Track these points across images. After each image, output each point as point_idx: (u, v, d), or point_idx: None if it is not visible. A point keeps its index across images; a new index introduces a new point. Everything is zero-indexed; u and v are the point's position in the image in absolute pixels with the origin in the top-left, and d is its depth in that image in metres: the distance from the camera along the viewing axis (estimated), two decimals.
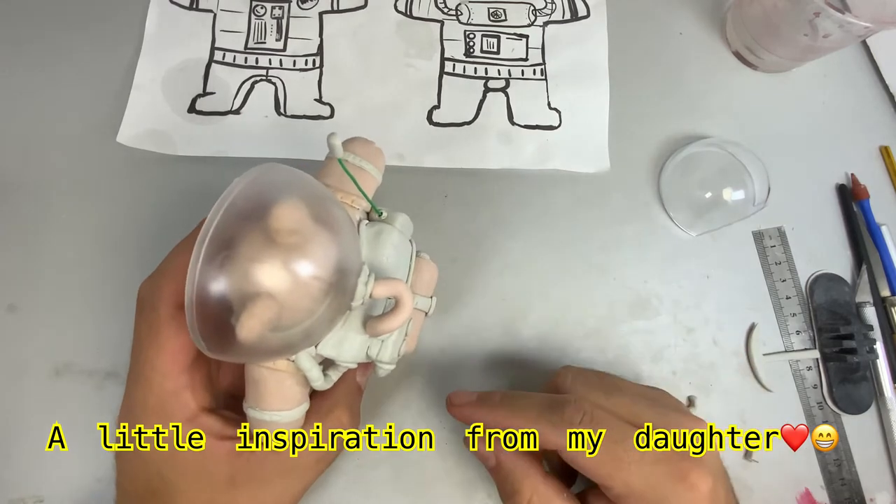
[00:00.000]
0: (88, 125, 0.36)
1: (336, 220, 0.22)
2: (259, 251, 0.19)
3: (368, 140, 0.28)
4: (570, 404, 0.25)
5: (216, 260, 0.19)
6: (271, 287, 0.19)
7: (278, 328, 0.20)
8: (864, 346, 0.35)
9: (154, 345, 0.25)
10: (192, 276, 0.18)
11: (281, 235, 0.19)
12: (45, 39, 0.38)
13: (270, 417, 0.24)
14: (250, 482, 0.25)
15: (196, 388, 0.26)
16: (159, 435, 0.25)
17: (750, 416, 0.34)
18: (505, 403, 0.27)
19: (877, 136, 0.40)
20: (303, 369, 0.23)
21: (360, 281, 0.22)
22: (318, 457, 0.27)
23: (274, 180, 0.21)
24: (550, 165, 0.37)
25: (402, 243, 0.27)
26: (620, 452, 0.23)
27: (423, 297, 0.28)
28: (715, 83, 0.40)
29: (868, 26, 0.32)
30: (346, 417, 0.27)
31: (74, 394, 0.32)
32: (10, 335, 0.33)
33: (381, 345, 0.25)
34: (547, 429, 0.25)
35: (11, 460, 0.31)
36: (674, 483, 0.23)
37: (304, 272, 0.19)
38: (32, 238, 0.34)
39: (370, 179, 0.27)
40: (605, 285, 0.36)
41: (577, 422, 0.24)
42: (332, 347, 0.24)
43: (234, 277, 0.19)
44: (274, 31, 0.39)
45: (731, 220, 0.36)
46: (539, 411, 0.25)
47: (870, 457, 0.35)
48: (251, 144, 0.36)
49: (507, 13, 0.40)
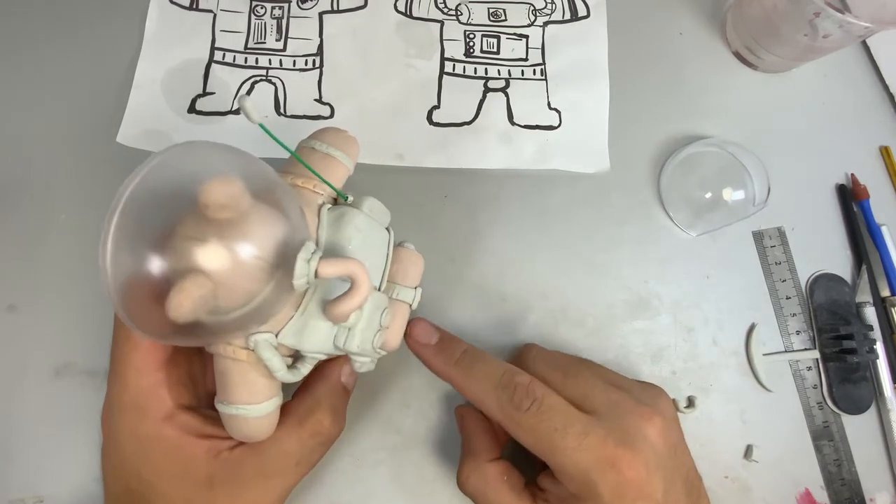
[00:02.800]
0: (88, 125, 0.36)
1: (278, 198, 0.21)
2: (190, 227, 0.18)
3: (341, 129, 0.28)
4: (521, 387, 0.25)
5: (143, 236, 0.18)
6: (202, 263, 0.18)
7: (218, 310, 0.19)
8: (864, 346, 0.35)
9: (129, 341, 0.25)
10: (104, 252, 0.18)
11: (212, 210, 0.18)
12: (44, 39, 0.38)
13: (237, 411, 0.23)
14: (229, 483, 0.25)
15: (173, 385, 0.25)
16: (137, 433, 0.24)
17: (750, 416, 0.34)
18: (463, 365, 0.27)
19: (877, 136, 0.40)
20: (262, 359, 0.22)
21: (301, 257, 0.20)
22: (297, 459, 0.26)
23: (204, 155, 0.20)
24: (550, 165, 0.37)
25: (369, 227, 0.25)
26: (558, 440, 0.24)
27: (404, 288, 0.27)
28: (715, 83, 0.40)
29: (868, 26, 0.32)
30: (328, 419, 0.27)
31: (74, 394, 0.32)
32: (10, 335, 0.33)
33: (348, 333, 0.23)
34: (494, 406, 0.25)
35: (11, 460, 0.31)
36: (603, 470, 0.23)
37: (238, 249, 0.19)
38: (32, 238, 0.34)
39: (339, 167, 0.26)
40: (605, 285, 0.36)
41: (524, 408, 0.25)
42: (293, 336, 0.23)
43: (165, 254, 0.18)
44: (274, 31, 0.39)
45: (730, 220, 0.36)
46: (492, 386, 0.26)
47: (870, 457, 0.35)
48: (251, 145, 0.36)
49: (507, 13, 0.40)
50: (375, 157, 0.36)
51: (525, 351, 0.30)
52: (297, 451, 0.26)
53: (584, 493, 0.24)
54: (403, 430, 0.33)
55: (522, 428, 0.25)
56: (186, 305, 0.18)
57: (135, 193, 0.18)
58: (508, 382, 0.25)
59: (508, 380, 0.26)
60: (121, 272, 0.18)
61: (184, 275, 0.18)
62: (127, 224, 0.18)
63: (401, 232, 0.28)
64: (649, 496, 0.24)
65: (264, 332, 0.22)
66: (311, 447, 0.26)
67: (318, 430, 0.26)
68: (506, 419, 0.25)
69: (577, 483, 0.24)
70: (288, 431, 0.26)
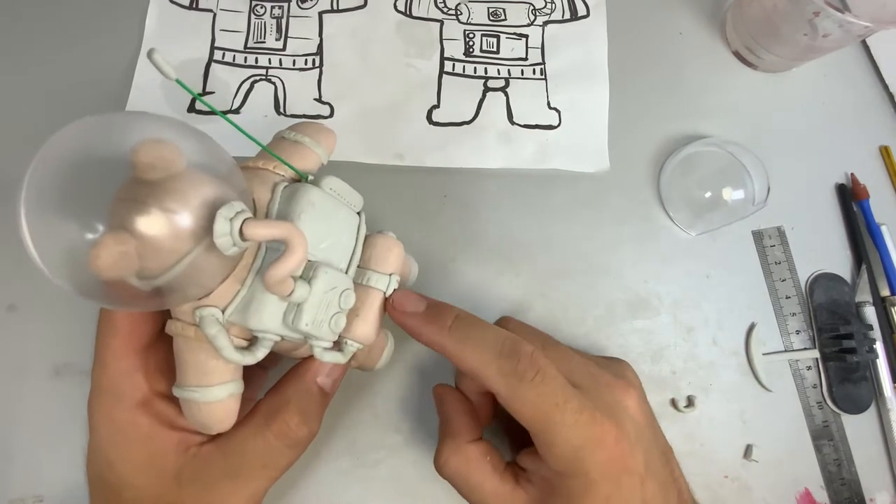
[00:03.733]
0: None
1: (211, 163, 0.20)
2: (123, 190, 0.18)
3: (316, 122, 0.27)
4: (526, 356, 0.24)
5: (72, 199, 0.18)
6: (122, 220, 0.18)
7: (145, 272, 0.19)
8: (863, 346, 0.35)
9: (109, 326, 0.25)
10: (18, 212, 0.18)
11: (140, 170, 0.18)
12: (45, 39, 0.38)
13: (188, 395, 0.22)
14: (196, 482, 0.24)
15: (150, 371, 0.25)
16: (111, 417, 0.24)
17: (750, 416, 0.34)
18: (458, 330, 0.24)
19: (877, 136, 0.40)
20: (207, 336, 0.21)
21: (221, 214, 0.18)
22: (263, 461, 0.25)
23: (137, 121, 0.20)
24: (550, 165, 0.37)
25: (328, 205, 0.24)
26: (557, 415, 0.23)
27: (377, 274, 0.25)
28: (715, 83, 0.40)
29: (868, 26, 0.32)
30: (295, 420, 0.25)
31: (74, 393, 0.32)
32: (10, 335, 0.33)
33: (297, 310, 0.22)
34: (494, 376, 0.23)
35: (11, 460, 0.31)
36: (592, 448, 0.23)
37: (161, 206, 0.18)
38: None
39: (308, 154, 0.26)
40: (605, 285, 0.36)
41: (528, 378, 0.23)
42: (239, 312, 0.22)
43: (98, 217, 0.18)
44: (273, 30, 0.39)
45: (730, 219, 0.36)
46: (493, 355, 0.24)
47: (870, 457, 0.35)
48: (251, 144, 0.36)
49: (507, 13, 0.40)
50: (375, 156, 0.36)
51: (503, 323, 0.29)
52: (264, 452, 0.25)
53: (570, 470, 0.23)
54: (403, 430, 0.33)
55: (523, 400, 0.23)
56: (104, 258, 0.18)
57: (52, 154, 0.18)
58: (512, 351, 0.24)
59: (511, 348, 0.24)
60: (50, 235, 0.18)
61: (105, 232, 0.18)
62: (50, 187, 0.18)
63: (401, 232, 0.28)
64: (633, 470, 0.24)
65: (210, 307, 0.22)
66: (279, 449, 0.25)
67: (283, 431, 0.25)
68: (507, 390, 0.23)
69: (564, 461, 0.23)
70: (254, 431, 0.25)
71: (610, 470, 0.23)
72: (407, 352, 0.34)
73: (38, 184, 0.18)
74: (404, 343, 0.32)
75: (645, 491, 0.24)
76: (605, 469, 0.23)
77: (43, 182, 0.18)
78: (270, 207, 0.23)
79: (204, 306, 0.22)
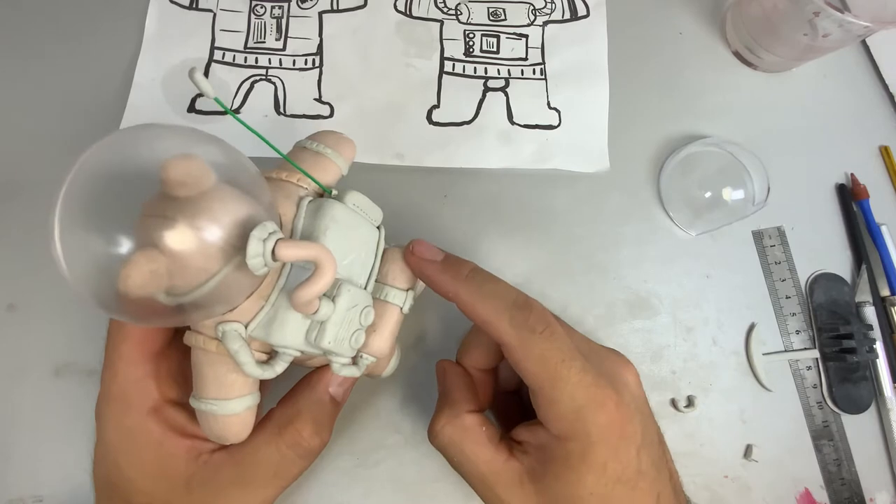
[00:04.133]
0: (88, 125, 0.36)
1: (247, 183, 0.20)
2: (152, 206, 0.18)
3: (338, 132, 0.28)
4: (535, 310, 0.24)
5: (101, 215, 0.18)
6: (154, 238, 0.18)
7: (174, 290, 0.19)
8: (863, 346, 0.35)
9: (121, 332, 0.25)
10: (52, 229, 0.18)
11: (170, 187, 0.18)
12: (45, 39, 0.38)
13: (207, 407, 0.23)
14: (205, 488, 0.24)
15: (162, 378, 0.25)
16: (122, 423, 0.24)
17: (750, 416, 0.34)
18: (473, 281, 0.25)
19: (877, 136, 0.40)
20: (229, 350, 0.21)
21: (255, 235, 0.19)
22: (274, 470, 0.25)
23: (167, 135, 0.20)
24: (550, 165, 0.37)
25: (351, 221, 0.24)
26: (563, 371, 0.23)
27: (395, 289, 0.26)
28: (715, 83, 0.40)
29: (868, 26, 0.32)
30: (308, 430, 0.25)
31: (74, 393, 0.32)
32: (10, 335, 0.33)
33: (320, 328, 0.22)
34: (505, 326, 0.24)
35: (11, 460, 0.31)
36: (594, 409, 0.23)
37: (193, 225, 0.18)
38: (32, 238, 0.34)
39: (329, 165, 0.26)
40: (605, 285, 0.36)
41: (538, 331, 0.23)
42: (263, 328, 0.22)
43: (126, 233, 0.18)
44: (273, 30, 0.39)
45: (730, 219, 0.36)
46: (505, 305, 0.24)
47: (869, 457, 0.35)
48: (251, 144, 0.36)
49: (507, 13, 0.40)
50: (375, 156, 0.36)
51: None
52: (276, 461, 0.25)
53: (571, 431, 0.23)
54: (403, 430, 0.33)
55: (532, 352, 0.23)
56: (134, 277, 0.17)
57: (84, 170, 0.18)
58: (524, 304, 0.24)
59: (524, 301, 0.24)
60: (79, 251, 0.18)
61: (136, 249, 0.18)
62: (80, 201, 0.18)
63: (401, 232, 0.28)
64: (630, 437, 0.24)
65: (233, 322, 0.22)
66: (291, 459, 0.25)
67: (296, 441, 0.25)
68: (517, 340, 0.23)
69: (566, 421, 0.23)
70: (266, 440, 0.25)
71: (609, 434, 0.23)
72: (407, 352, 0.34)
73: (69, 199, 0.18)
74: (405, 344, 0.32)
75: (640, 461, 0.24)
76: (605, 433, 0.23)
77: (73, 198, 0.18)
78: (296, 223, 0.23)
79: (227, 321, 0.22)
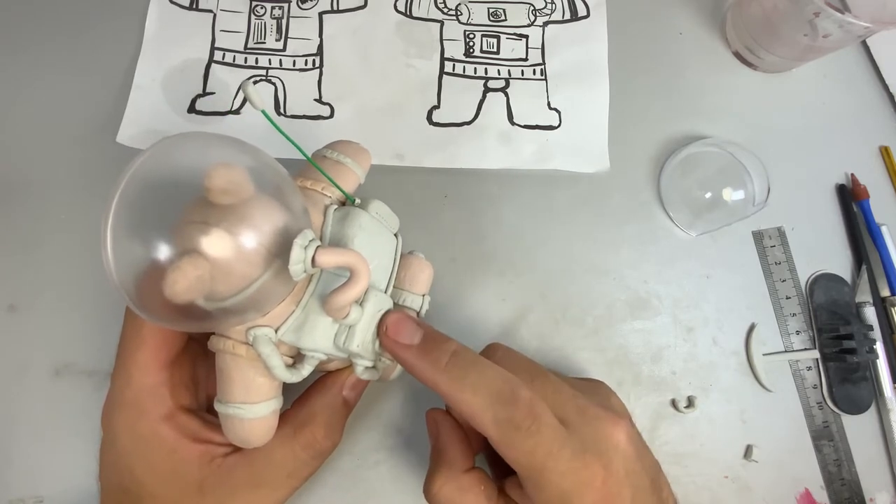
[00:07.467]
0: (88, 125, 0.36)
1: (283, 191, 0.21)
2: (194, 212, 0.19)
3: (354, 141, 0.28)
4: (524, 404, 0.23)
5: (146, 220, 0.19)
6: (199, 245, 0.18)
7: (215, 295, 0.19)
8: (863, 346, 0.35)
9: (136, 339, 0.25)
10: (105, 235, 0.18)
11: (213, 195, 0.19)
12: (44, 39, 0.38)
13: (233, 411, 0.23)
14: (218, 490, 0.25)
15: (176, 385, 0.25)
16: (135, 430, 0.25)
17: (750, 416, 0.34)
18: (453, 371, 0.23)
19: (877, 136, 0.40)
20: (260, 354, 0.22)
21: (297, 243, 0.19)
22: (288, 471, 0.25)
23: (210, 143, 0.21)
24: (550, 165, 0.37)
25: (374, 229, 0.25)
26: (551, 464, 0.22)
27: (412, 295, 0.27)
28: (715, 83, 0.40)
29: (868, 26, 0.32)
30: (322, 433, 0.26)
31: (74, 394, 0.32)
32: (10, 335, 0.33)
33: (348, 332, 0.23)
34: (489, 424, 0.22)
35: (11, 460, 0.31)
36: (581, 492, 0.23)
37: (236, 232, 0.19)
38: (32, 238, 0.34)
39: (349, 174, 0.27)
40: (605, 285, 0.36)
41: (525, 427, 0.22)
42: (293, 332, 0.22)
43: (168, 238, 0.19)
44: (274, 31, 0.39)
45: (730, 220, 0.36)
46: (489, 402, 0.22)
47: (870, 457, 0.35)
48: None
49: (507, 13, 0.40)
50: (375, 156, 0.36)
51: (490, 352, 0.27)
52: (290, 462, 0.25)
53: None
54: (404, 430, 0.33)
55: (519, 450, 0.22)
56: (181, 283, 0.18)
57: (136, 178, 0.19)
58: (510, 398, 0.23)
59: (510, 395, 0.23)
60: (124, 255, 0.19)
61: (180, 255, 0.19)
62: (128, 208, 0.18)
63: (402, 232, 0.28)
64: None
65: (264, 327, 0.22)
66: (304, 460, 0.26)
67: (310, 443, 0.25)
68: (502, 438, 0.22)
69: (552, 502, 0.23)
70: (281, 441, 0.25)
71: None
72: None
73: (120, 208, 0.18)
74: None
75: None
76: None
77: (124, 206, 0.19)
78: (324, 231, 0.24)
79: (258, 326, 0.22)
